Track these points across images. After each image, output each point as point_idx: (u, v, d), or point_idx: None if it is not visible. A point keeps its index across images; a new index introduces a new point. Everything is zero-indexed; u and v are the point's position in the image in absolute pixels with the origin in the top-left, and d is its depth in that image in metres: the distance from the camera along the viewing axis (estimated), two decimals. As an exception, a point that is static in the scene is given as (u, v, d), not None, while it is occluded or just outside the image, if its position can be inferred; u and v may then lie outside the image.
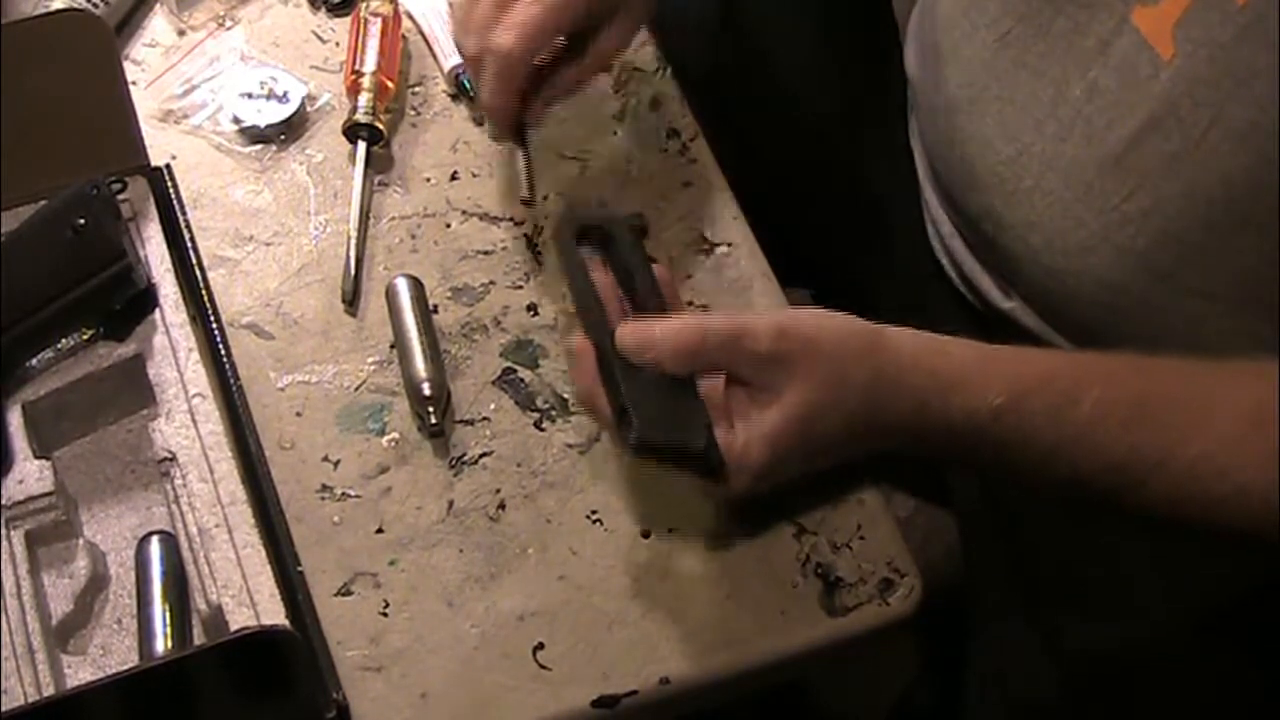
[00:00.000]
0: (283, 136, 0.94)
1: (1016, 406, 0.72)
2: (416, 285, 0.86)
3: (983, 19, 0.84)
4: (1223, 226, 0.74)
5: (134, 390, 0.81)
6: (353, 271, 0.87)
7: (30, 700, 0.69)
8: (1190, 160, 0.73)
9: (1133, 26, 0.75)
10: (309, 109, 0.96)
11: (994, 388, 0.72)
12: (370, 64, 0.94)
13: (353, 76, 0.94)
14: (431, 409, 0.81)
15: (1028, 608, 0.92)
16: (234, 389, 0.82)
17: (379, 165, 0.93)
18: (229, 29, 1.00)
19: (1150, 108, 0.75)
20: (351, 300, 0.87)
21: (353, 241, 0.89)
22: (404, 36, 0.99)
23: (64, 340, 0.81)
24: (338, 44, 0.99)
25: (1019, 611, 0.93)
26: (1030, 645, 0.91)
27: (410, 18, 1.00)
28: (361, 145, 0.92)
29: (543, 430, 0.82)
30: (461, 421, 0.82)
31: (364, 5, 0.97)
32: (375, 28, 0.96)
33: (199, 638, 0.74)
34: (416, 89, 0.98)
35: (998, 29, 0.83)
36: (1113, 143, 0.77)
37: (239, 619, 0.71)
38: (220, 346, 0.84)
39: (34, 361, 0.80)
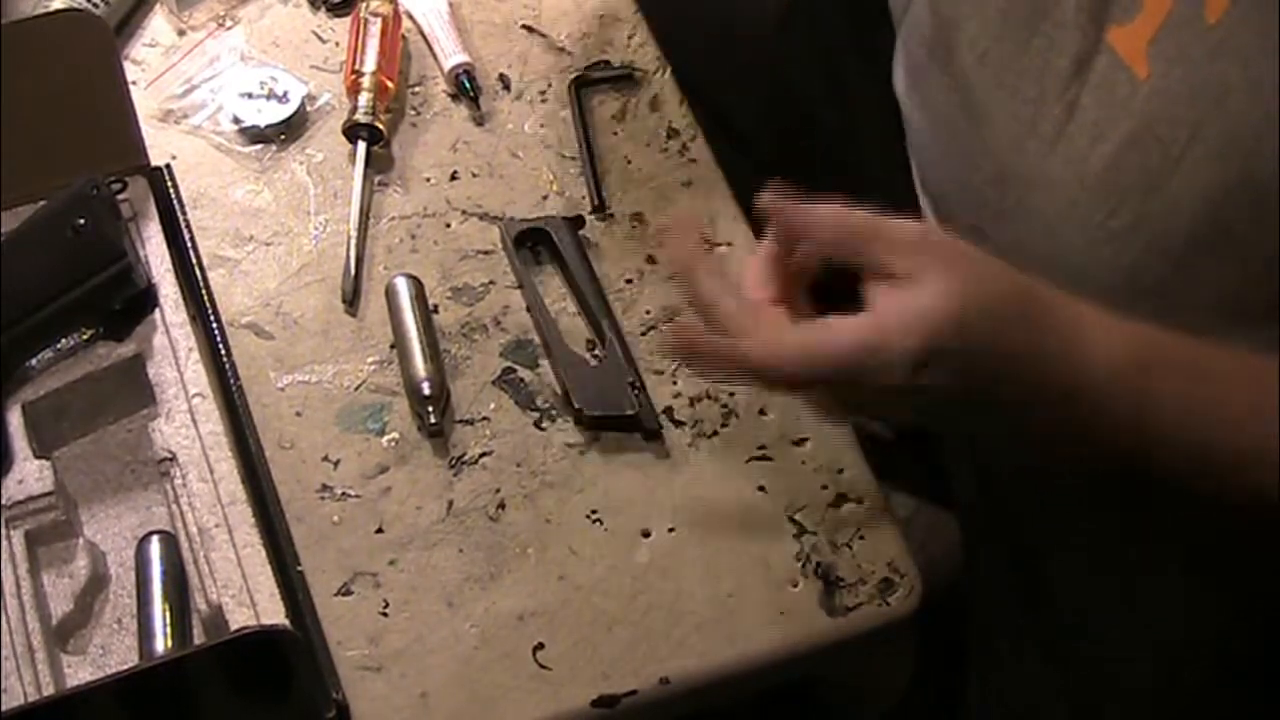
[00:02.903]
0: (283, 136, 0.94)
1: (1156, 358, 0.68)
2: (416, 285, 0.86)
3: (961, 38, 0.84)
4: (1205, 241, 0.74)
5: (134, 390, 0.81)
6: (353, 271, 0.87)
7: (30, 700, 0.69)
8: (1171, 177, 0.73)
9: (1108, 46, 0.75)
10: (309, 109, 0.96)
11: (1132, 338, 0.69)
12: (370, 64, 0.94)
13: (353, 76, 0.94)
14: (431, 408, 0.81)
15: (1027, 609, 0.92)
16: (234, 389, 0.82)
17: (379, 165, 0.93)
18: (229, 29, 1.00)
19: (1129, 126, 0.74)
20: (351, 300, 0.87)
21: (352, 241, 0.89)
22: (404, 36, 0.99)
23: (64, 340, 0.81)
24: (338, 44, 0.99)
25: (1019, 612, 0.93)
26: (1030, 649, 0.91)
27: (410, 18, 1.00)
28: (361, 145, 0.92)
29: (543, 430, 0.82)
30: (461, 421, 0.82)
31: (364, 5, 0.97)
32: (375, 28, 0.96)
33: (199, 637, 0.74)
34: (416, 89, 0.98)
35: (975, 49, 0.83)
36: (1094, 161, 0.77)
37: (239, 619, 0.71)
38: (220, 346, 0.84)
39: (34, 361, 0.80)
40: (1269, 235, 0.70)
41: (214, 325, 0.84)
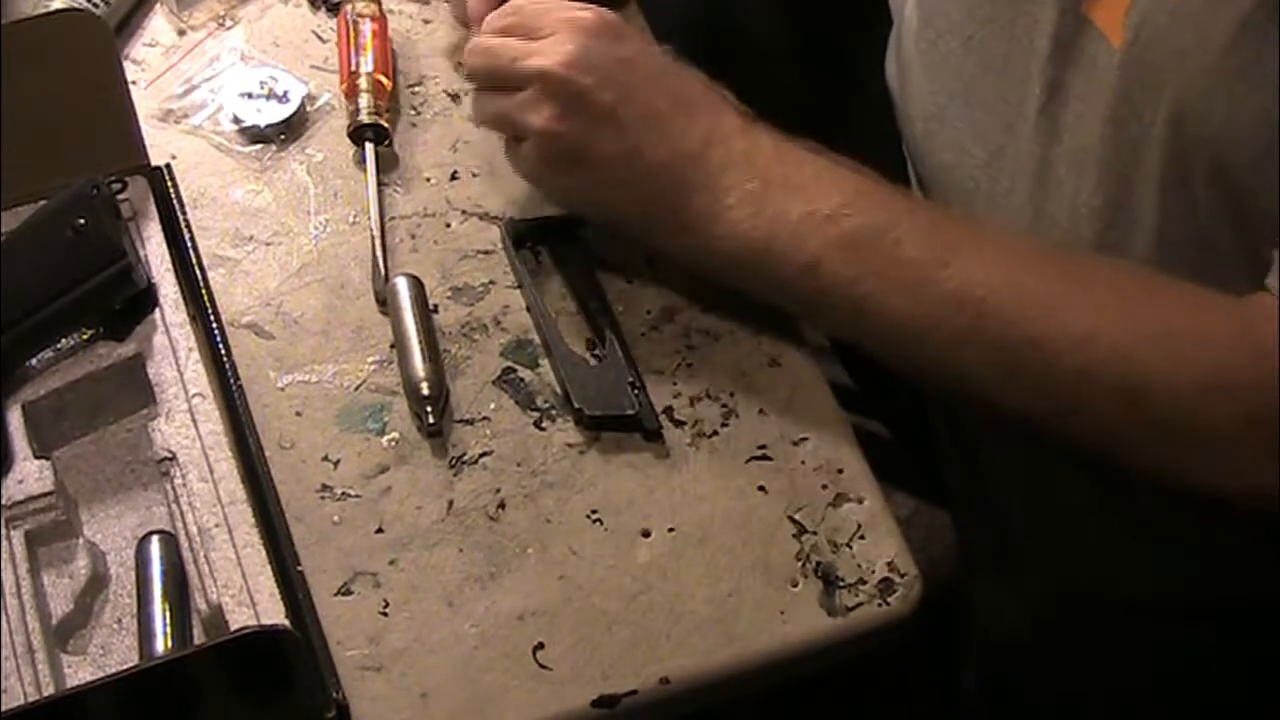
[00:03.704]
0: (283, 136, 0.94)
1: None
2: (416, 285, 0.86)
3: (946, 24, 0.84)
4: (1177, 216, 0.74)
5: (134, 390, 0.81)
6: (382, 274, 0.87)
7: (30, 700, 0.69)
8: (1148, 147, 0.73)
9: (1087, 19, 0.75)
10: (309, 109, 0.96)
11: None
12: (366, 64, 0.94)
13: (349, 79, 0.94)
14: (429, 408, 0.81)
15: (1025, 607, 0.92)
16: (234, 389, 0.82)
17: (379, 164, 0.93)
18: (229, 29, 1.00)
19: (1107, 99, 0.74)
20: (384, 300, 0.86)
21: (377, 243, 0.88)
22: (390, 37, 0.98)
23: (64, 340, 0.81)
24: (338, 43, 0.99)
25: (1017, 610, 0.93)
26: (1028, 647, 0.91)
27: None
28: (369, 147, 0.92)
29: (543, 430, 0.82)
30: (461, 421, 0.82)
31: (349, 7, 0.97)
32: (364, 27, 0.96)
33: (199, 637, 0.74)
34: (416, 89, 0.98)
35: (961, 34, 0.83)
36: (1080, 137, 0.77)
37: (239, 619, 0.71)
38: (220, 346, 0.84)
39: (34, 361, 0.80)
40: (1232, 207, 0.70)
41: (214, 325, 0.84)
